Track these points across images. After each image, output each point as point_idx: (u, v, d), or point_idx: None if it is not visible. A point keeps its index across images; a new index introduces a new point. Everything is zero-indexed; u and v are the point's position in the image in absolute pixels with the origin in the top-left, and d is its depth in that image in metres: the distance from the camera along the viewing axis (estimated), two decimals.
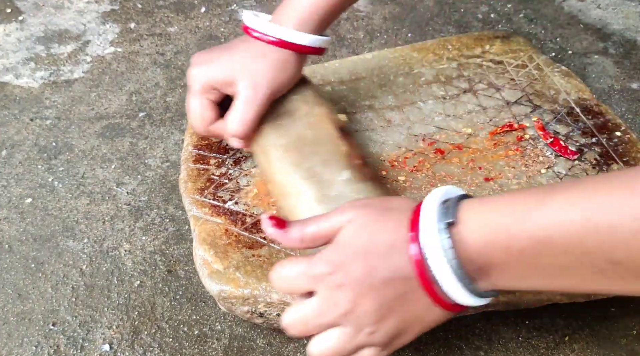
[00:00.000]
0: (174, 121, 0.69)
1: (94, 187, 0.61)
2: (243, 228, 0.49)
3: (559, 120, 0.59)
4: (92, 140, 0.67)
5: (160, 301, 0.52)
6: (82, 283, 0.53)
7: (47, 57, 0.78)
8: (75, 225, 0.58)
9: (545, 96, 0.62)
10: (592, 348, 0.49)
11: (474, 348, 0.49)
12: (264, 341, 0.49)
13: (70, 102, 0.72)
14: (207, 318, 0.51)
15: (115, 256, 0.55)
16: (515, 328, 0.50)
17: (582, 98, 0.62)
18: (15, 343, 0.49)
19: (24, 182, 0.62)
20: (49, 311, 0.51)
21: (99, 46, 0.80)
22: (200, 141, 0.56)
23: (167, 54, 0.79)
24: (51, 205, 0.60)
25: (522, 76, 0.64)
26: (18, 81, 0.75)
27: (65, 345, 0.49)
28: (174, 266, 0.54)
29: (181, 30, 0.84)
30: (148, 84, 0.74)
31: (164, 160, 0.64)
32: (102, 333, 0.50)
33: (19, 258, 0.55)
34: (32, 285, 0.53)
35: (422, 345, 0.49)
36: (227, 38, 0.82)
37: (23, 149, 0.65)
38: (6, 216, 0.58)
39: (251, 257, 0.46)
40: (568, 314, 0.51)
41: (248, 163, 0.54)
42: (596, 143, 0.56)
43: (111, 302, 0.52)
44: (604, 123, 0.59)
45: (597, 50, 0.82)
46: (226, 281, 0.45)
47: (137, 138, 0.67)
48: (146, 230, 0.57)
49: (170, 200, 0.60)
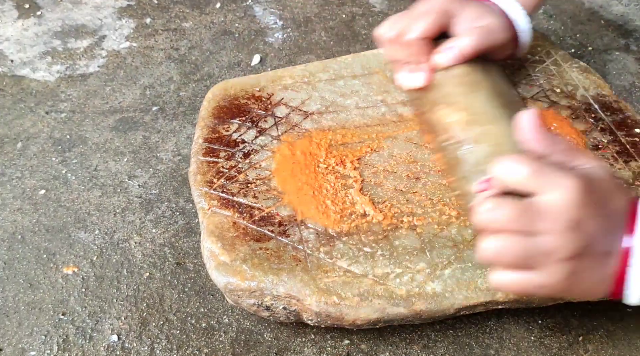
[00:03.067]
0: (187, 115, 0.69)
1: (106, 179, 0.62)
2: (251, 221, 0.48)
3: (577, 116, 0.57)
4: (106, 133, 0.67)
5: (168, 293, 0.52)
6: (92, 274, 0.53)
7: (64, 52, 0.79)
8: (87, 217, 0.58)
9: (562, 92, 0.60)
10: (606, 349, 0.48)
11: (484, 347, 0.48)
12: (271, 335, 0.49)
13: (85, 95, 0.72)
14: (214, 311, 0.51)
15: (126, 248, 0.55)
16: (527, 327, 0.49)
17: (600, 94, 0.60)
18: (25, 332, 0.49)
19: (38, 174, 0.62)
20: (59, 301, 0.51)
21: (115, 41, 0.81)
22: (211, 134, 0.56)
23: (182, 49, 0.80)
24: (64, 196, 0.60)
25: (539, 72, 0.63)
26: (35, 75, 0.75)
27: (74, 334, 0.49)
28: (183, 259, 0.54)
29: (196, 25, 0.84)
30: (162, 79, 0.75)
31: (176, 154, 0.64)
32: (111, 324, 0.50)
33: (31, 248, 0.55)
34: (43, 275, 0.53)
35: (432, 342, 0.48)
36: (241, 34, 0.82)
37: (38, 142, 0.66)
38: (20, 207, 0.59)
39: (258, 250, 0.46)
40: (582, 314, 0.50)
41: (257, 157, 0.54)
42: (614, 141, 0.55)
43: (120, 293, 0.52)
44: (623, 120, 0.57)
45: (618, 46, 0.80)
46: (233, 273, 0.44)
47: (150, 132, 0.67)
48: (156, 222, 0.57)
49: (181, 194, 0.60)
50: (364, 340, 0.49)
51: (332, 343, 0.49)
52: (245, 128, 0.56)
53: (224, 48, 0.80)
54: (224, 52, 0.79)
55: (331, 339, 0.49)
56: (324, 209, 0.49)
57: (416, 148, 0.55)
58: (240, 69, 0.77)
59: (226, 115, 0.58)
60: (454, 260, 0.46)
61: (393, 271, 0.45)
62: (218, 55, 0.79)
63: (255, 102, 0.59)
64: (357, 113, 0.58)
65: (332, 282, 0.44)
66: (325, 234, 0.47)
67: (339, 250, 0.46)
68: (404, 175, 0.52)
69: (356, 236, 0.47)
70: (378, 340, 0.49)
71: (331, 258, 0.46)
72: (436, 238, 0.48)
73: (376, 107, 0.59)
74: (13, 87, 0.74)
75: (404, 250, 0.47)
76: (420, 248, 0.47)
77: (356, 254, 0.46)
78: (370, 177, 0.52)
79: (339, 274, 0.45)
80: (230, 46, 0.80)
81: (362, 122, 0.57)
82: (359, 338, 0.49)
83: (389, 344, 0.48)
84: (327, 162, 0.53)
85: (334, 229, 0.48)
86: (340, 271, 0.45)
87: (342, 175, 0.52)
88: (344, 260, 0.46)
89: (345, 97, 0.60)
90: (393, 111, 0.58)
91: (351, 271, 0.45)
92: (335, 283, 0.44)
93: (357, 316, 0.44)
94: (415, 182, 0.52)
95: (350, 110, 0.58)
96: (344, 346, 0.48)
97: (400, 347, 0.48)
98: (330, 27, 0.84)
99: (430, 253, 0.46)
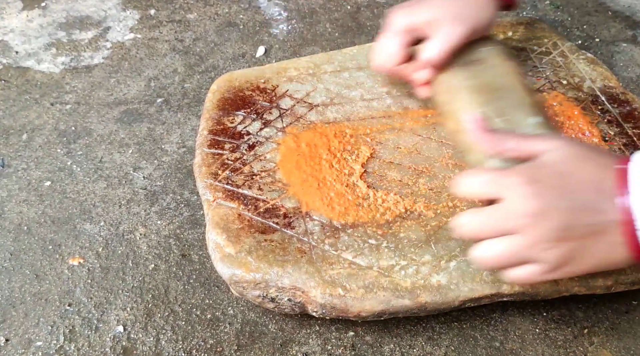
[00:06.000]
0: (191, 107, 0.69)
1: (111, 171, 0.62)
2: (256, 213, 0.48)
3: (583, 108, 0.57)
4: (111, 125, 0.67)
5: (173, 284, 0.52)
6: (97, 266, 0.53)
7: (68, 43, 0.79)
8: (92, 208, 0.58)
9: (569, 84, 0.60)
10: (612, 341, 0.47)
11: (489, 339, 0.48)
12: (275, 326, 0.49)
13: (90, 87, 0.72)
14: (219, 303, 0.51)
15: (131, 239, 0.56)
16: (532, 320, 0.49)
17: (607, 86, 0.60)
18: (32, 323, 0.50)
19: (44, 165, 0.62)
20: (65, 292, 0.52)
21: (119, 32, 0.81)
22: (216, 126, 0.56)
23: (186, 40, 0.79)
24: (69, 188, 0.60)
25: (545, 63, 0.63)
26: (39, 66, 0.75)
27: (80, 325, 0.49)
28: (188, 250, 0.55)
29: (200, 17, 0.84)
30: (166, 70, 0.74)
31: (180, 146, 0.64)
32: (117, 315, 0.50)
33: (37, 239, 0.56)
34: (49, 266, 0.53)
35: (436, 335, 0.48)
36: (245, 25, 0.82)
37: (43, 133, 0.66)
38: (25, 198, 0.59)
39: (263, 242, 0.46)
40: (587, 306, 0.49)
41: (262, 149, 0.53)
42: (621, 133, 0.55)
43: (126, 285, 0.52)
44: (630, 112, 0.57)
45: (626, 38, 0.80)
46: (238, 265, 0.45)
47: (155, 124, 0.67)
48: (161, 214, 0.58)
49: (186, 185, 0.60)
50: (369, 331, 0.49)
51: (336, 335, 0.49)
52: (250, 120, 0.56)
53: (229, 39, 0.80)
54: (228, 44, 0.79)
55: (336, 331, 0.49)
56: (328, 201, 0.49)
57: (421, 140, 0.55)
58: (245, 60, 0.76)
59: (231, 107, 0.57)
60: (459, 253, 0.46)
61: (398, 264, 0.45)
62: (223, 46, 0.78)
63: (260, 94, 0.59)
64: (362, 105, 0.58)
65: (337, 274, 0.44)
66: (330, 226, 0.47)
67: (344, 242, 0.46)
68: (408, 167, 0.52)
69: (361, 228, 0.47)
70: (383, 331, 0.49)
71: (336, 250, 0.46)
72: (441, 230, 0.47)
73: (381, 99, 0.59)
74: (18, 78, 0.74)
75: (409, 242, 0.47)
76: (425, 240, 0.47)
77: (361, 246, 0.46)
78: (375, 169, 0.52)
79: (344, 266, 0.45)
80: (234, 38, 0.80)
81: (368, 114, 0.57)
82: (363, 330, 0.49)
83: (393, 336, 0.49)
84: (332, 154, 0.53)
85: (339, 221, 0.48)
86: (345, 263, 0.45)
87: (347, 167, 0.52)
88: (349, 252, 0.46)
89: (350, 88, 0.60)
90: (398, 103, 0.58)
91: (356, 264, 0.45)
92: (340, 275, 0.44)
93: (362, 308, 0.44)
94: (420, 174, 0.52)
95: (355, 102, 0.58)
96: (349, 337, 0.49)
97: (404, 339, 0.48)
98: (335, 18, 0.84)
99: (436, 246, 0.46)
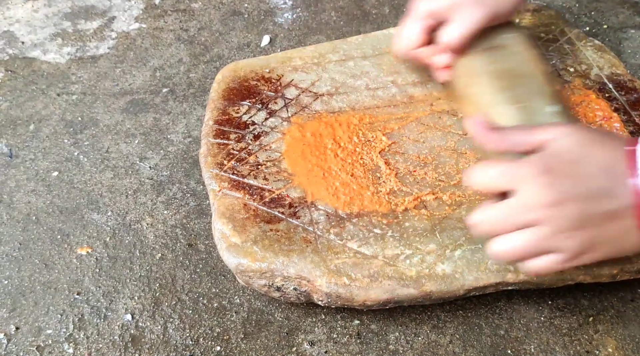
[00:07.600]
0: (197, 97, 0.69)
1: (118, 161, 0.62)
2: (261, 202, 0.48)
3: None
4: (117, 115, 0.67)
5: (180, 274, 0.53)
6: (105, 255, 0.54)
7: (74, 33, 0.79)
8: (100, 198, 0.59)
9: (576, 71, 0.59)
10: (617, 329, 0.48)
11: (494, 327, 0.48)
12: (282, 315, 0.50)
13: (96, 77, 0.72)
14: (226, 292, 0.51)
15: (138, 229, 0.56)
16: (537, 308, 0.49)
17: (615, 73, 0.59)
18: (42, 311, 0.50)
19: (51, 156, 0.63)
20: (73, 281, 0.52)
21: (124, 22, 0.81)
22: (221, 116, 0.56)
23: (191, 29, 0.79)
24: (76, 178, 0.61)
25: (552, 50, 0.62)
26: (45, 57, 0.76)
27: (89, 314, 0.50)
28: (195, 240, 0.55)
29: (205, 6, 0.83)
30: (172, 60, 0.75)
31: (186, 136, 0.64)
32: (125, 304, 0.51)
33: (46, 229, 0.56)
34: (57, 255, 0.54)
35: (441, 323, 0.49)
36: (250, 14, 0.82)
37: (50, 123, 0.67)
38: (33, 188, 0.60)
39: (269, 232, 0.46)
40: (593, 294, 0.50)
41: (267, 138, 0.54)
42: (629, 120, 0.54)
43: (133, 274, 0.53)
44: (638, 100, 0.56)
45: (634, 24, 0.79)
46: (244, 254, 0.45)
47: (160, 114, 0.67)
48: (168, 204, 0.58)
49: (192, 175, 0.60)
50: (374, 320, 0.49)
51: (342, 323, 0.49)
52: (255, 110, 0.56)
53: (234, 29, 0.79)
54: (233, 33, 0.79)
55: (341, 319, 0.49)
56: (334, 191, 0.49)
57: (427, 129, 0.54)
58: (250, 50, 0.76)
59: (236, 97, 0.57)
60: (464, 241, 0.46)
61: (403, 253, 0.45)
62: (227, 36, 0.78)
63: (265, 84, 0.59)
64: (368, 94, 0.58)
65: (343, 263, 0.45)
66: (335, 216, 0.48)
67: (349, 231, 0.47)
68: (414, 156, 0.52)
69: (366, 217, 0.48)
70: (388, 320, 0.49)
71: (341, 239, 0.46)
72: (446, 219, 0.47)
73: (387, 88, 0.58)
74: (24, 69, 0.74)
75: (414, 232, 0.47)
76: (430, 229, 0.47)
77: (366, 235, 0.46)
78: (380, 158, 0.52)
79: (349, 255, 0.45)
80: (239, 27, 0.80)
81: (373, 103, 0.57)
82: (369, 319, 0.49)
83: (398, 324, 0.49)
84: (337, 144, 0.53)
85: (344, 210, 0.48)
86: (350, 252, 0.45)
87: (352, 157, 0.52)
88: (354, 241, 0.46)
89: (355, 78, 0.59)
90: (404, 92, 0.58)
91: (361, 253, 0.45)
92: (345, 264, 0.45)
93: (367, 297, 0.44)
94: (426, 163, 0.52)
95: (360, 91, 0.58)
96: (354, 326, 0.49)
97: (410, 327, 0.49)
98: (341, 6, 0.83)
99: (441, 235, 0.46)
